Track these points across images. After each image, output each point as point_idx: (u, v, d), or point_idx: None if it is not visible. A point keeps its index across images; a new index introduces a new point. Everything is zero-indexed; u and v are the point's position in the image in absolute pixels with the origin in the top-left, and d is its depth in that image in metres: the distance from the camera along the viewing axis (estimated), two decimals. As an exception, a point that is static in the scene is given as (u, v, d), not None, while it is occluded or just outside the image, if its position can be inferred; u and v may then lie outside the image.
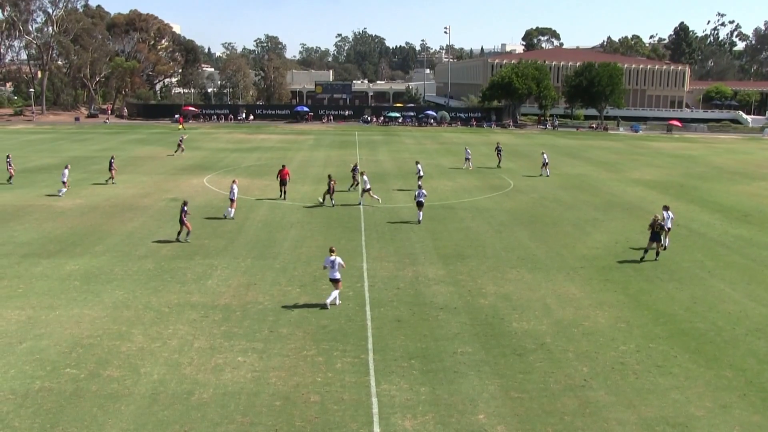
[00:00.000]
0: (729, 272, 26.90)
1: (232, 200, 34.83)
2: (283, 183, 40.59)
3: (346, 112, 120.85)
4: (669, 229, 29.96)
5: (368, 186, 39.40)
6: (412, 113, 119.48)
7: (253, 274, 25.04)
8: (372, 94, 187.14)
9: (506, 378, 16.80)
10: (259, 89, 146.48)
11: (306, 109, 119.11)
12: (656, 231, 28.02)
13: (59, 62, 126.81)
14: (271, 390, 15.86)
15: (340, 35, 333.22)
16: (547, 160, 55.40)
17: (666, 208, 30.58)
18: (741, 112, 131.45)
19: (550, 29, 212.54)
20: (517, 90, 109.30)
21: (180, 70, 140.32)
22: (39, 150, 65.18)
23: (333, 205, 37.83)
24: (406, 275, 25.26)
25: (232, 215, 34.56)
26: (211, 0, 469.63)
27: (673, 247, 30.61)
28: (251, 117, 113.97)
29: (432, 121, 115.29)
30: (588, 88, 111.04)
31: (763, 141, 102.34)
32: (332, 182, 38.30)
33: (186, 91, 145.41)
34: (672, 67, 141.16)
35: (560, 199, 42.72)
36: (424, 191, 35.42)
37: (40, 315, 20.26)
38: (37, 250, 27.68)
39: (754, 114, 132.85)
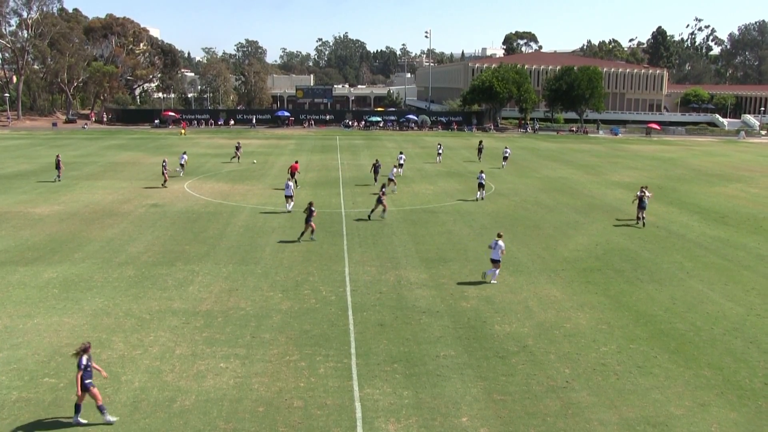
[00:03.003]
0: (707, 273, 27.22)
1: (289, 196, 37.73)
2: (292, 175, 44.73)
3: (327, 117, 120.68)
4: (644, 207, 36.60)
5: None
6: (393, 117, 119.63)
7: (235, 279, 24.93)
8: (353, 98, 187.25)
9: (489, 380, 16.87)
10: (239, 94, 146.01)
11: (287, 113, 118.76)
12: (641, 203, 35.96)
13: (35, 66, 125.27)
14: (254, 396, 15.81)
15: (320, 40, 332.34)
16: (507, 154, 62.47)
17: (643, 189, 37.21)
18: (717, 116, 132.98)
19: (530, 33, 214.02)
20: (497, 94, 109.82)
21: (159, 75, 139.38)
22: (15, 156, 64.49)
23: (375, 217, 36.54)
24: (388, 279, 25.28)
25: (290, 209, 37.62)
26: (192, 4, 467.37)
27: (652, 249, 30.98)
28: (232, 122, 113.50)
29: (413, 125, 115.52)
30: (568, 91, 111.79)
31: (738, 143, 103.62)
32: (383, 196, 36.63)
33: (166, 95, 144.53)
34: (650, 71, 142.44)
35: (541, 202, 42.97)
36: (483, 174, 43.58)
37: (18, 324, 20.02)
38: (14, 258, 27.36)
39: (729, 117, 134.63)
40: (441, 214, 38.21)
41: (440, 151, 65.92)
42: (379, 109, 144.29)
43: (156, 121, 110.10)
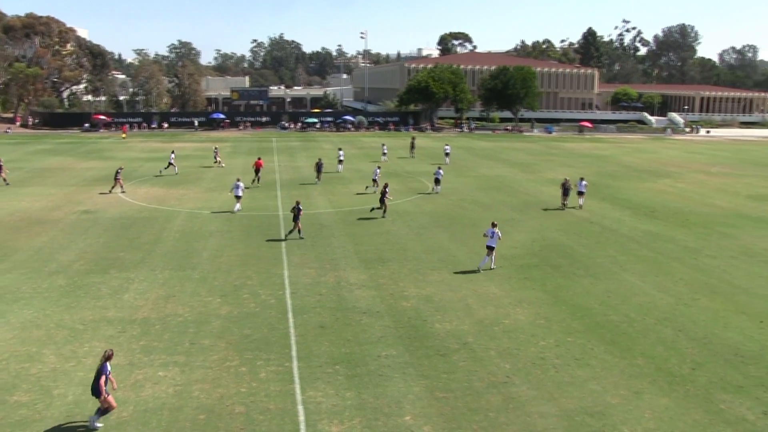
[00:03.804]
0: (639, 266, 28.05)
1: (238, 197, 38.42)
2: (257, 171, 48.81)
3: (264, 119, 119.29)
4: (582, 192, 41.54)
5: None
6: (330, 119, 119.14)
7: (172, 285, 24.45)
8: (289, 100, 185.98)
9: (431, 379, 16.99)
10: (173, 96, 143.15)
11: (222, 116, 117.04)
12: (567, 188, 40.89)
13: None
14: (194, 404, 15.54)
15: (255, 41, 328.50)
16: (447, 151, 66.55)
17: (581, 179, 42.38)
18: (646, 114, 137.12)
19: (464, 34, 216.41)
20: (434, 94, 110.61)
21: (88, 77, 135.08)
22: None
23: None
24: (328, 281, 25.20)
25: (236, 209, 38.31)
26: (122, 4, 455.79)
27: (587, 244, 31.74)
28: (165, 125, 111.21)
29: (350, 126, 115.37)
30: (503, 91, 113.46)
31: (666, 140, 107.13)
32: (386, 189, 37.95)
33: (96, 98, 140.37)
34: (582, 71, 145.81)
35: (479, 201, 43.52)
36: (441, 170, 47.35)
37: (-57, 337, 19.19)
38: (-63, 269, 26.19)
39: (657, 115, 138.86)
40: (379, 214, 38.26)
41: (385, 151, 67.97)
42: (316, 110, 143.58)
43: (86, 125, 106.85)
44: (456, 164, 63.46)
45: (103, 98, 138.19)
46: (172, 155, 56.77)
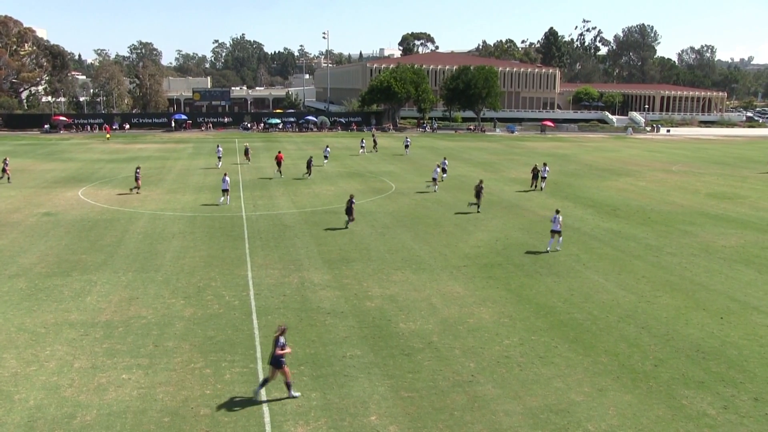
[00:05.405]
0: (602, 264, 28.41)
1: (225, 190, 40.52)
2: (278, 164, 53.25)
3: (226, 119, 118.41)
4: (545, 177, 49.43)
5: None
6: (292, 119, 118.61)
7: (135, 287, 24.10)
8: (251, 100, 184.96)
9: (396, 378, 16.99)
10: (134, 97, 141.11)
11: (184, 116, 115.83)
12: (535, 175, 49.18)
13: None
14: (158, 406, 15.34)
15: (217, 41, 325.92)
16: (407, 143, 75.27)
17: (545, 164, 50.55)
18: (607, 113, 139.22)
19: (426, 34, 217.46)
20: (396, 94, 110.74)
21: (47, 78, 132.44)
22: None
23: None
24: (292, 282, 25.07)
25: (221, 201, 40.68)
26: (81, 4, 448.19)
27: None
28: (126, 126, 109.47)
29: (312, 126, 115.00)
30: (465, 90, 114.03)
31: (627, 139, 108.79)
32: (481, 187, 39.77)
33: (56, 99, 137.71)
34: (544, 70, 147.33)
35: (441, 200, 43.68)
36: (446, 161, 55.14)
37: None
38: None
39: (618, 114, 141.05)
40: (342, 214, 38.13)
41: (363, 145, 75.68)
42: (278, 111, 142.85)
43: (46, 126, 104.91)
44: (418, 164, 63.70)
45: (63, 99, 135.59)
46: (220, 148, 63.42)
